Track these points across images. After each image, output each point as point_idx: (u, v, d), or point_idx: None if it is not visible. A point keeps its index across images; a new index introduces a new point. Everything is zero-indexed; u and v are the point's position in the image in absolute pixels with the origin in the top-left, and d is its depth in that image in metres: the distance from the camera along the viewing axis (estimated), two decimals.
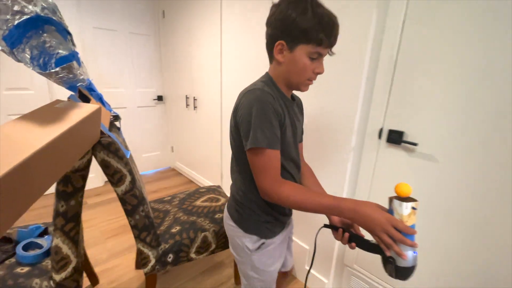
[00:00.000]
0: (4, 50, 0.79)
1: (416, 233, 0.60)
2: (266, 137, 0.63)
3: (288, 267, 1.02)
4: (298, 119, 0.80)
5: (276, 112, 0.65)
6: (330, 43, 0.64)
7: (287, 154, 0.75)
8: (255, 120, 0.63)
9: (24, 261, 0.92)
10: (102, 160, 0.85)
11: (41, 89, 2.14)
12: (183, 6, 2.34)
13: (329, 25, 0.61)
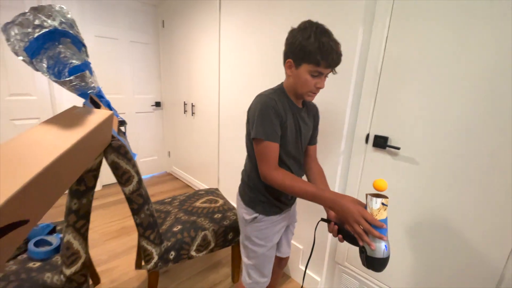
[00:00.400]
0: (25, 60, 0.86)
1: (385, 227, 0.67)
2: (265, 131, 0.79)
3: (283, 253, 1.14)
4: (305, 124, 0.93)
5: (277, 113, 0.80)
6: (328, 65, 0.76)
7: (288, 151, 0.89)
8: (258, 118, 0.80)
9: (36, 256, 0.97)
10: (112, 162, 0.92)
11: (43, 95, 2.19)
12: (182, 16, 2.44)
13: (327, 50, 0.74)
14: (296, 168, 0.95)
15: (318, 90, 0.84)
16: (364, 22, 1.15)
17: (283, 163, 0.90)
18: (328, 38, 0.75)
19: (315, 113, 1.03)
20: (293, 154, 0.92)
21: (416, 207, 1.13)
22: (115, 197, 2.46)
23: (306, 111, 0.96)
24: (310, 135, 1.01)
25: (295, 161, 0.94)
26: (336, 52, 0.76)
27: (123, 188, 0.98)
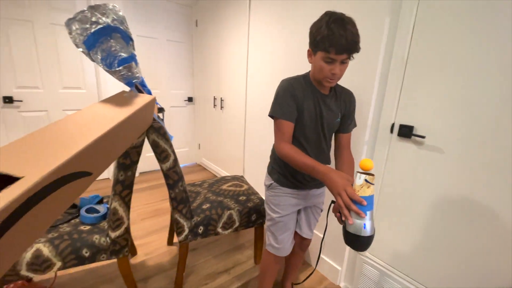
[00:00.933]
0: (84, 52, 1.00)
1: (365, 204, 0.68)
2: (280, 110, 0.90)
3: (303, 233, 1.18)
4: (330, 110, 0.97)
5: (293, 96, 0.90)
6: (338, 51, 0.79)
7: (305, 133, 0.96)
8: (276, 98, 0.91)
9: (86, 221, 1.13)
10: (153, 141, 1.04)
11: (91, 88, 2.45)
12: (214, 16, 2.57)
13: (336, 37, 0.77)
14: (314, 151, 1.00)
15: (334, 76, 0.85)
16: (391, 12, 1.15)
17: (300, 144, 0.98)
18: (340, 25, 0.77)
19: (348, 100, 1.02)
20: (312, 137, 0.97)
21: (443, 197, 1.10)
22: (150, 183, 2.67)
23: (334, 97, 0.99)
24: (336, 121, 1.01)
25: (315, 144, 0.99)
26: (345, 39, 0.77)
27: (161, 165, 1.10)
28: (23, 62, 2.11)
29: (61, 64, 2.27)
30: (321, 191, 1.16)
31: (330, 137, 1.05)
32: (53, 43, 2.20)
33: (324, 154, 1.06)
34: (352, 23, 0.80)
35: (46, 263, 0.96)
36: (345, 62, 0.84)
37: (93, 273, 1.42)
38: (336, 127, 1.02)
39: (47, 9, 2.13)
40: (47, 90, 2.25)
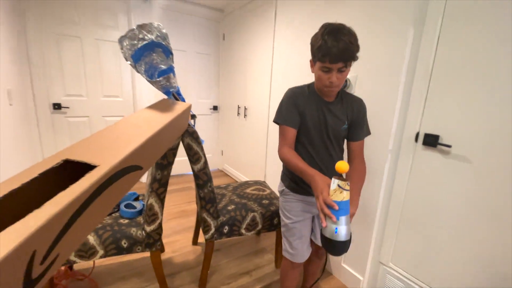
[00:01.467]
0: (131, 65, 1.13)
1: (336, 208, 0.70)
2: (283, 116, 0.97)
3: (317, 239, 1.18)
4: (334, 116, 0.99)
5: (295, 103, 0.97)
6: (331, 60, 0.82)
7: (309, 139, 1.01)
8: (280, 106, 1.00)
9: (125, 215, 1.24)
10: (188, 144, 1.14)
11: (128, 97, 2.67)
12: (240, 30, 2.71)
13: (328, 47, 0.80)
14: (321, 157, 1.02)
15: (332, 84, 0.88)
16: (414, 23, 1.18)
17: (306, 150, 1.02)
18: (333, 36, 0.80)
19: (356, 108, 1.02)
20: (317, 143, 1.01)
21: (471, 208, 1.08)
22: (178, 186, 2.80)
23: (340, 104, 1.00)
24: (342, 128, 1.01)
25: (321, 150, 1.02)
26: (337, 48, 0.80)
27: (193, 166, 1.19)
28: (71, 73, 2.36)
29: (102, 75, 2.50)
30: None
31: (339, 144, 1.06)
32: (97, 56, 2.44)
33: (332, 161, 1.04)
34: (349, 33, 0.82)
35: (91, 250, 1.07)
36: (343, 70, 0.86)
37: (126, 266, 1.52)
38: (343, 133, 1.02)
39: (93, 26, 2.38)
40: (90, 98, 2.49)
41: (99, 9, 2.38)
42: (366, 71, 1.39)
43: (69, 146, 0.56)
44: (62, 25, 2.25)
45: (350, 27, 0.86)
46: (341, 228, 0.70)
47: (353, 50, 0.83)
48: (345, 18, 1.49)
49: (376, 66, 1.34)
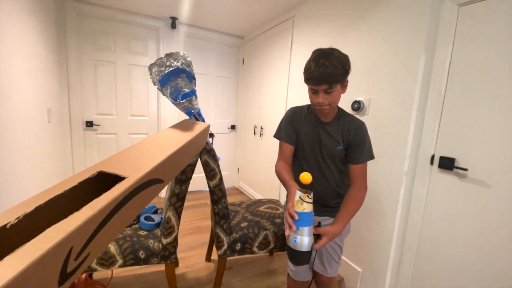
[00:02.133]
0: (159, 89, 1.24)
1: (296, 218, 0.75)
2: (281, 132, 1.09)
3: (314, 265, 1.12)
4: (329, 136, 1.01)
5: (291, 121, 1.06)
6: (315, 83, 0.89)
7: (304, 154, 1.07)
8: (280, 123, 1.10)
9: (144, 227, 1.30)
10: (205, 160, 1.20)
11: (153, 116, 2.84)
12: (259, 55, 2.86)
13: (311, 71, 0.88)
14: (314, 175, 1.00)
15: (320, 104, 0.93)
16: (425, 50, 1.21)
17: (300, 164, 1.09)
18: (317, 60, 0.87)
19: (354, 131, 1.00)
20: (311, 160, 1.06)
21: (488, 234, 1.03)
22: (193, 202, 2.86)
23: (336, 125, 1.01)
24: (337, 149, 1.01)
25: (314, 167, 1.06)
26: (318, 72, 0.86)
27: (209, 182, 1.24)
28: (104, 94, 2.58)
29: (131, 96, 2.71)
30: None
31: (335, 164, 1.04)
32: (128, 79, 2.66)
33: (325, 180, 1.05)
34: (335, 57, 0.87)
35: (111, 259, 1.13)
36: (329, 92, 0.90)
37: (141, 278, 1.56)
38: (339, 154, 1.02)
39: (126, 52, 2.63)
40: (119, 116, 2.68)
41: (131, 38, 2.63)
42: (380, 94, 1.42)
43: (102, 161, 0.64)
44: (100, 52, 2.51)
45: (336, 50, 0.91)
46: (300, 239, 0.75)
47: (336, 73, 0.87)
48: (358, 45, 1.56)
49: (389, 89, 1.37)
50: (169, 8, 2.42)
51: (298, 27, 2.16)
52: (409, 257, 1.34)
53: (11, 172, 1.35)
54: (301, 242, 0.75)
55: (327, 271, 1.10)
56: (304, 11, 2.07)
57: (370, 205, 1.45)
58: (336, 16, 1.73)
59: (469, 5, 1.09)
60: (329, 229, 0.88)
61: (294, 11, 2.20)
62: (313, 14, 1.96)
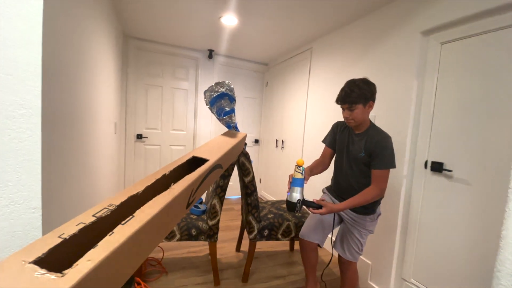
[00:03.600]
0: (209, 108, 1.62)
1: (290, 180, 1.20)
2: (325, 138, 1.48)
3: (336, 244, 1.45)
4: (354, 144, 1.29)
5: (333, 131, 1.44)
6: (338, 103, 1.26)
7: (335, 158, 1.42)
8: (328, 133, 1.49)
9: (194, 213, 1.64)
10: (242, 162, 1.55)
11: (190, 130, 3.29)
12: (281, 79, 3.26)
13: (338, 95, 1.25)
14: (337, 173, 1.40)
15: (347, 119, 1.26)
16: (417, 77, 1.51)
17: (335, 164, 1.44)
18: (344, 86, 1.23)
19: (375, 141, 1.21)
20: (339, 162, 1.38)
21: (471, 222, 1.26)
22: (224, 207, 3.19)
23: (363, 138, 1.25)
24: (360, 155, 1.25)
25: (340, 168, 1.38)
26: (341, 94, 1.23)
27: (244, 178, 1.58)
28: (152, 112, 3.08)
29: (174, 114, 3.19)
30: (355, 215, 1.31)
31: (360, 168, 1.26)
32: (171, 100, 3.16)
33: (348, 180, 1.31)
34: (354, 85, 1.20)
35: (172, 234, 1.48)
36: (351, 109, 1.20)
37: (185, 260, 1.88)
38: (362, 160, 1.24)
39: (171, 78, 3.14)
40: (162, 131, 3.16)
41: (176, 66, 3.16)
42: (382, 112, 1.72)
43: (192, 150, 1.01)
44: (151, 78, 3.04)
45: (362, 80, 1.22)
46: (291, 193, 1.18)
47: (353, 96, 1.17)
48: (365, 72, 1.89)
49: (390, 108, 1.67)
50: (207, 43, 2.93)
51: (315, 57, 2.54)
52: (411, 248, 1.55)
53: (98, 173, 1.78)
54: (291, 195, 1.17)
55: (346, 254, 1.36)
56: (320, 44, 2.45)
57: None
58: (346, 49, 2.09)
59: (449, 43, 1.39)
60: (328, 203, 1.20)
61: (312, 44, 2.60)
62: (328, 47, 2.34)
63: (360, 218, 1.31)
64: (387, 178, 1.20)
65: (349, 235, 1.35)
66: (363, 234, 1.32)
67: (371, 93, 1.21)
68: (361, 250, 1.35)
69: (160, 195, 0.63)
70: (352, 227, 1.34)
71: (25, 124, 0.76)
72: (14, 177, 0.77)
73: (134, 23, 2.44)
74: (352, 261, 1.37)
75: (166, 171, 0.83)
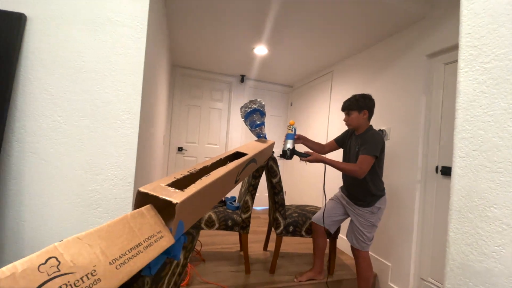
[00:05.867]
0: (244, 121, 1.94)
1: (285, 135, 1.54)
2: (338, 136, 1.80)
3: (347, 233, 1.63)
4: (353, 143, 1.60)
5: (345, 133, 1.74)
6: (342, 109, 1.61)
7: (343, 158, 1.67)
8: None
9: (230, 208, 1.91)
10: (270, 165, 1.82)
11: (222, 144, 3.66)
12: (305, 98, 3.56)
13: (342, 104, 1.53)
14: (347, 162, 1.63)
15: (345, 122, 1.62)
16: (425, 91, 1.71)
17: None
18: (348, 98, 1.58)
19: (364, 138, 1.53)
20: (344, 160, 1.65)
21: None
22: None
23: (361, 136, 1.56)
24: (355, 150, 1.56)
25: (345, 160, 1.64)
26: (343, 104, 1.60)
27: (272, 180, 1.83)
28: (191, 128, 3.52)
29: (209, 130, 3.60)
30: (356, 207, 1.56)
31: (355, 162, 1.52)
32: (208, 118, 3.59)
33: (346, 177, 1.66)
34: (354, 97, 1.57)
35: (212, 223, 1.75)
36: (349, 115, 1.58)
37: (219, 254, 2.12)
38: (356, 154, 1.53)
39: (208, 99, 3.59)
40: (199, 144, 3.56)
41: (213, 89, 3.62)
42: (396, 124, 1.91)
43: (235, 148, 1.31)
44: (192, 99, 3.52)
45: (361, 94, 1.56)
46: (284, 145, 1.55)
47: (348, 105, 1.57)
48: (380, 90, 2.12)
49: (402, 120, 1.86)
50: (240, 69, 3.36)
51: (336, 78, 2.81)
52: (428, 248, 1.65)
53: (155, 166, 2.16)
54: (285, 145, 1.56)
55: (353, 242, 1.56)
56: (341, 67, 2.74)
57: (394, 205, 1.84)
58: (363, 71, 2.34)
59: (451, 63, 1.59)
60: (314, 153, 1.54)
61: (333, 67, 2.89)
62: (347, 69, 2.61)
63: (360, 210, 1.55)
64: (368, 163, 1.44)
65: (354, 226, 1.57)
66: (365, 226, 1.52)
67: (365, 104, 1.53)
68: (366, 241, 1.52)
69: (221, 167, 0.92)
70: (355, 218, 1.57)
71: (129, 124, 1.13)
72: (119, 160, 1.12)
73: (180, 53, 2.95)
74: (359, 249, 1.55)
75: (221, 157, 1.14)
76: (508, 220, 0.53)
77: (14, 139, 1.00)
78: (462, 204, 0.62)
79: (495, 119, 0.56)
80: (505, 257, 0.53)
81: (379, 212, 1.52)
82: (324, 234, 1.71)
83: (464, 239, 0.61)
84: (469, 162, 0.61)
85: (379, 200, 1.51)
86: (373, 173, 1.49)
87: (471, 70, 0.61)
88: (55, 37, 1.03)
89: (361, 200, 1.54)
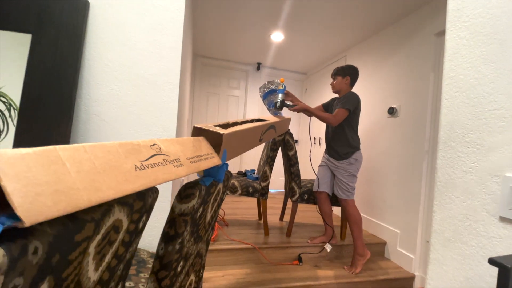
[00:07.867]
0: (262, 100, 2.12)
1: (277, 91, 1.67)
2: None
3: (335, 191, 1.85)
4: (335, 102, 1.88)
5: (331, 100, 1.94)
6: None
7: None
8: None
9: (250, 178, 2.12)
10: (287, 139, 2.00)
11: None
12: (318, 85, 3.68)
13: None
14: (326, 131, 1.95)
15: (331, 85, 1.94)
16: (433, 69, 1.82)
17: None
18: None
19: (340, 100, 1.84)
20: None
21: None
22: None
23: (339, 99, 1.86)
24: (335, 109, 1.80)
25: (327, 127, 1.91)
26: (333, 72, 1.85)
27: (288, 152, 2.02)
28: (210, 113, 3.75)
29: (227, 115, 3.82)
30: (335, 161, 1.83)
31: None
32: (225, 104, 3.80)
33: (328, 132, 1.96)
34: (341, 66, 1.87)
35: (235, 189, 1.96)
36: (334, 79, 1.90)
37: (240, 221, 2.34)
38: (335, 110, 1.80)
39: (226, 87, 3.80)
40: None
41: (230, 78, 3.82)
42: (406, 101, 2.03)
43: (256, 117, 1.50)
44: (211, 87, 3.74)
45: (348, 65, 1.85)
46: (276, 97, 1.73)
47: (336, 71, 1.89)
48: (392, 70, 2.23)
49: (412, 96, 1.97)
50: (257, 57, 3.53)
51: (349, 63, 2.93)
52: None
53: None
54: (276, 98, 1.73)
55: (340, 194, 1.81)
56: (354, 51, 2.85)
57: (403, 175, 1.97)
58: (375, 54, 2.45)
59: None
60: (300, 102, 1.80)
61: (346, 52, 3.00)
62: (360, 53, 2.72)
63: (340, 163, 1.81)
64: (342, 115, 1.74)
65: (338, 179, 1.81)
66: (346, 176, 1.78)
67: (349, 71, 1.82)
68: (350, 190, 1.78)
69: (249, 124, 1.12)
70: (338, 173, 1.82)
71: (171, 93, 1.34)
72: (164, 123, 1.34)
73: (201, 43, 3.16)
74: (346, 198, 1.79)
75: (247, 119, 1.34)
76: (482, 141, 0.69)
77: (81, 103, 1.24)
78: (447, 136, 0.78)
79: (472, 65, 0.71)
80: (479, 170, 0.69)
81: (357, 163, 1.79)
82: (326, 200, 1.92)
83: (448, 163, 0.77)
84: (452, 102, 0.77)
85: (355, 153, 1.78)
86: (349, 125, 1.80)
87: (455, 28, 0.75)
88: (112, 20, 1.25)
89: (339, 154, 1.81)
